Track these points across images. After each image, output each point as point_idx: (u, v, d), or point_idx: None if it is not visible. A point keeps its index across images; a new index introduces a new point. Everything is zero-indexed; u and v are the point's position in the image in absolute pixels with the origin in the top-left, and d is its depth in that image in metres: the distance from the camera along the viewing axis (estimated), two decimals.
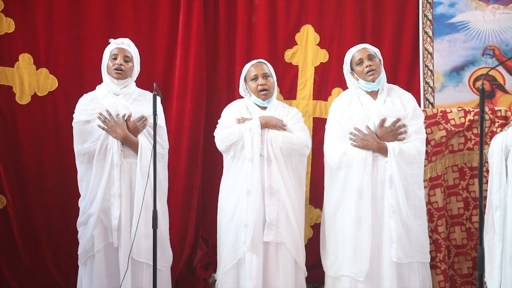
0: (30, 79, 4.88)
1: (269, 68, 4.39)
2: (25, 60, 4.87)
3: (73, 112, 4.83)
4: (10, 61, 4.87)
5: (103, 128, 4.18)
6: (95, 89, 4.43)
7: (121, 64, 4.24)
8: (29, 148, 4.87)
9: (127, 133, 4.18)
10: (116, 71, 4.24)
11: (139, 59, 4.37)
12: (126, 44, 4.32)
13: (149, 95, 4.37)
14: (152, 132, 4.24)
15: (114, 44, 4.30)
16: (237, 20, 5.07)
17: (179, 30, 4.99)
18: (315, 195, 4.95)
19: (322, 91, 5.07)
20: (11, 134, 4.86)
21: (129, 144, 4.19)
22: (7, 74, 4.86)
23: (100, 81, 4.72)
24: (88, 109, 4.26)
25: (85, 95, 4.36)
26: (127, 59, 4.27)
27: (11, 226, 4.84)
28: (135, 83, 4.39)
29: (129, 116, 4.22)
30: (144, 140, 4.20)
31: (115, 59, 4.26)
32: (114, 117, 4.20)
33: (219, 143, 4.32)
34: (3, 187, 4.84)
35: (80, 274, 4.24)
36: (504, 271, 3.98)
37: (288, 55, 5.07)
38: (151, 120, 4.24)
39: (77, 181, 4.26)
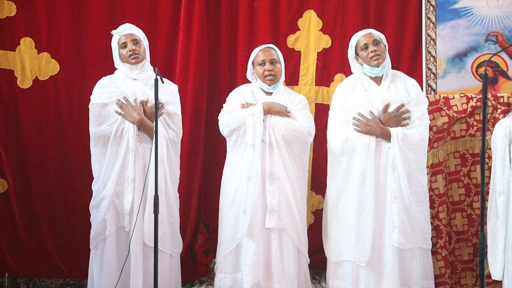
0: (31, 63, 4.86)
1: (277, 54, 4.38)
2: (26, 44, 4.86)
3: (75, 96, 4.85)
4: (12, 45, 4.85)
5: (119, 114, 4.19)
6: (96, 73, 4.42)
7: (134, 49, 4.24)
8: (30, 132, 4.86)
9: (143, 117, 4.19)
10: (131, 57, 4.24)
11: (146, 37, 4.37)
12: (128, 28, 4.31)
13: (166, 82, 4.39)
14: (167, 118, 4.27)
15: (117, 34, 4.30)
16: (239, 5, 5.05)
17: (181, 15, 4.97)
18: (317, 181, 4.95)
19: (324, 77, 5.06)
20: (12, 118, 4.86)
21: (145, 129, 4.20)
22: (8, 58, 4.85)
23: (101, 65, 4.72)
24: (106, 92, 4.26)
25: (103, 78, 4.36)
26: (136, 42, 4.28)
27: (12, 210, 4.85)
28: (152, 67, 4.39)
29: (146, 102, 4.22)
30: (160, 125, 4.20)
31: (125, 46, 4.26)
32: (131, 102, 4.20)
33: (222, 127, 4.32)
34: (4, 171, 4.84)
35: (92, 257, 4.26)
36: (507, 256, 3.99)
37: (290, 40, 5.05)
38: (167, 107, 4.26)
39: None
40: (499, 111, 4.56)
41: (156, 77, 3.81)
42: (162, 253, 4.15)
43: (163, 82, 3.90)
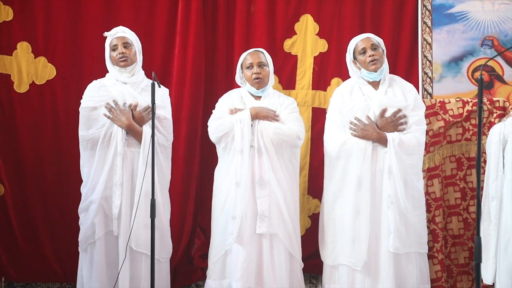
0: (28, 68, 4.87)
1: (265, 57, 4.38)
2: (23, 48, 4.86)
3: (72, 101, 4.85)
4: (8, 49, 4.86)
5: (108, 117, 4.19)
6: (93, 77, 4.42)
7: (123, 52, 4.25)
8: (27, 137, 4.86)
9: (131, 122, 4.19)
10: (120, 60, 4.24)
11: (139, 41, 4.38)
12: (121, 31, 4.32)
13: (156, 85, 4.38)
14: (157, 123, 4.25)
15: (110, 36, 4.30)
16: (236, 9, 5.06)
17: (177, 19, 4.98)
18: (313, 185, 4.95)
19: (321, 81, 5.07)
20: (9, 122, 4.86)
21: (133, 133, 4.20)
22: (5, 62, 4.85)
23: (98, 69, 4.72)
24: (96, 95, 4.27)
25: (94, 81, 4.37)
26: (127, 45, 4.28)
27: (9, 215, 4.84)
28: (144, 71, 4.39)
29: (135, 106, 4.22)
30: (148, 130, 4.20)
31: (116, 49, 4.27)
32: (120, 106, 4.21)
33: (211, 134, 4.33)
34: (1, 175, 4.84)
35: (81, 261, 4.26)
36: (498, 261, 4.00)
37: (287, 44, 5.06)
38: (157, 111, 4.26)
39: (79, 166, 4.27)
40: (494, 115, 4.57)
41: (153, 81, 3.81)
42: (148, 258, 4.14)
43: (160, 87, 3.90)
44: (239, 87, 4.58)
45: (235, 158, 4.20)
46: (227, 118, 4.25)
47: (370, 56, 4.18)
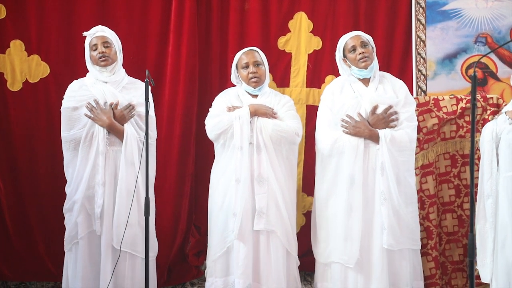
0: (21, 66, 4.86)
1: (260, 56, 4.38)
2: (16, 46, 4.85)
3: None
4: (1, 48, 4.84)
5: (89, 117, 4.18)
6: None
7: (103, 52, 4.24)
8: (21, 136, 4.85)
9: (112, 121, 4.18)
10: (101, 59, 4.24)
11: (118, 40, 4.36)
12: (100, 31, 4.31)
13: (138, 83, 4.36)
14: (139, 121, 4.25)
15: (89, 36, 4.30)
16: (230, 7, 5.05)
17: (171, 17, 4.97)
18: (308, 183, 4.95)
19: (315, 79, 5.07)
20: (2, 121, 4.85)
21: (115, 132, 4.19)
22: None
23: None
24: (76, 95, 4.26)
25: (74, 81, 4.36)
26: (107, 44, 4.27)
27: (3, 214, 4.84)
28: (124, 69, 4.38)
29: (116, 104, 4.22)
30: (130, 128, 4.20)
31: (96, 49, 4.26)
32: (101, 106, 4.19)
33: (209, 131, 4.33)
34: None
35: (66, 261, 4.26)
36: (496, 259, 4.00)
37: (281, 42, 5.06)
38: (138, 109, 4.25)
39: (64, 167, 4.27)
40: (488, 112, 4.58)
41: (146, 80, 3.81)
42: (134, 257, 4.15)
43: (153, 85, 3.89)
44: (234, 85, 4.58)
45: (234, 155, 4.20)
46: (225, 115, 4.25)
47: (360, 53, 4.19)
